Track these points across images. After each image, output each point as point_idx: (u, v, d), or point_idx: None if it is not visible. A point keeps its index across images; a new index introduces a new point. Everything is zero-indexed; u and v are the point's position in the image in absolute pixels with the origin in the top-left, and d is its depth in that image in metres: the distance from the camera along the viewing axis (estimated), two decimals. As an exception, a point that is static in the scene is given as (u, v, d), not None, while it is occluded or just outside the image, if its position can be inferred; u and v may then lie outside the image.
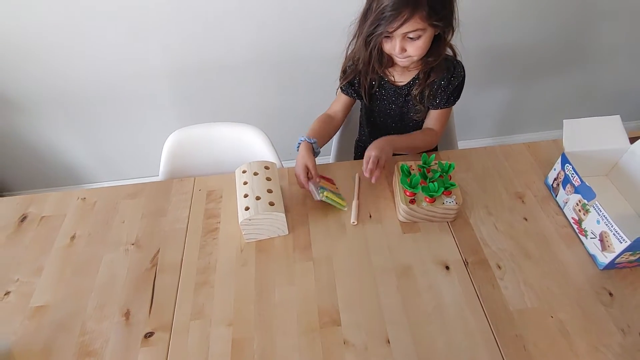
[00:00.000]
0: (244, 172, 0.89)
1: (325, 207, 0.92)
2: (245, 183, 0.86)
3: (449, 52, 0.96)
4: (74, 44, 1.38)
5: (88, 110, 1.60)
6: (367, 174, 0.87)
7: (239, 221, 0.81)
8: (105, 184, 1.93)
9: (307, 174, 0.89)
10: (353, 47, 0.97)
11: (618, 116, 0.89)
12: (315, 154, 0.94)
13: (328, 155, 1.45)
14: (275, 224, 0.84)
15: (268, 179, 0.87)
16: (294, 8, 1.34)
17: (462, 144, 1.32)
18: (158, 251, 0.86)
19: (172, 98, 1.58)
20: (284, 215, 0.82)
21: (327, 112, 1.12)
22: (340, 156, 1.32)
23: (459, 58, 0.97)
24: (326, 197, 0.87)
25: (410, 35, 0.83)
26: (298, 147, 0.94)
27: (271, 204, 0.82)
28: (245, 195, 0.84)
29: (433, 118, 1.03)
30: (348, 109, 1.14)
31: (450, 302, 0.75)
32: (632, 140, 0.89)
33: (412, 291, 0.77)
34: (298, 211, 0.92)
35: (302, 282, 0.79)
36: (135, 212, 0.94)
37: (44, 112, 1.58)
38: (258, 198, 0.83)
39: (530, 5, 1.46)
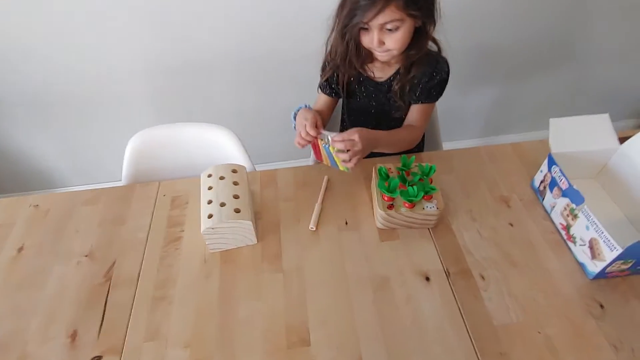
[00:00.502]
0: (209, 176, 0.82)
1: (298, 214, 0.86)
2: (210, 188, 0.79)
3: (433, 47, 0.91)
4: (40, 45, 1.30)
5: (53, 111, 1.51)
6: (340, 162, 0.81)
7: (201, 230, 0.74)
8: (65, 190, 1.84)
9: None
10: (332, 41, 0.91)
11: (607, 115, 0.84)
12: None
13: (308, 157, 1.39)
14: (242, 232, 0.77)
15: (235, 183, 0.80)
16: (269, 4, 1.28)
17: (447, 145, 1.26)
18: (113, 263, 0.78)
19: (144, 99, 1.50)
20: (250, 223, 0.75)
21: (315, 108, 1.07)
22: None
23: (444, 54, 0.92)
24: (330, 149, 0.81)
25: (388, 26, 0.78)
26: (295, 117, 0.89)
27: (237, 211, 0.75)
28: (209, 202, 0.77)
29: (414, 113, 0.98)
30: (331, 108, 1.08)
31: (430, 316, 0.69)
32: (622, 140, 0.84)
33: (389, 304, 0.71)
34: (269, 218, 0.86)
35: (270, 296, 0.72)
36: (92, 220, 0.86)
37: (5, 112, 1.49)
38: (223, 204, 0.76)
39: (518, 2, 1.41)
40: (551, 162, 0.81)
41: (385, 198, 0.80)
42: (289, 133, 0.91)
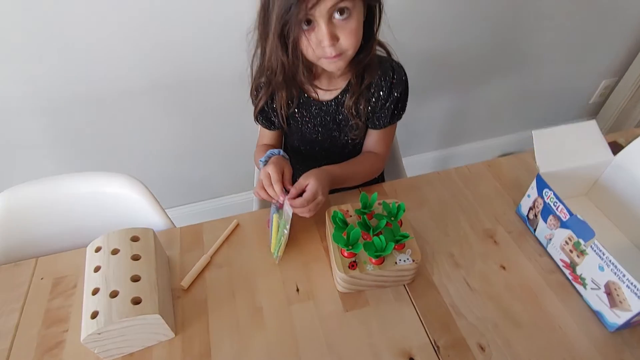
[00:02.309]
0: (97, 250, 0.58)
1: (232, 284, 0.64)
2: (97, 269, 0.56)
3: (382, 52, 0.74)
4: None
5: None
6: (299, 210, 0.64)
7: (81, 338, 0.50)
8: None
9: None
10: (259, 60, 0.71)
11: (594, 122, 0.71)
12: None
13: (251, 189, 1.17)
14: (149, 329, 0.54)
15: (135, 257, 0.57)
16: (189, 15, 1.05)
17: (406, 161, 1.10)
18: (-49, 402, 0.52)
19: (33, 144, 1.20)
20: (159, 316, 0.52)
21: (263, 143, 0.88)
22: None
23: (394, 58, 0.75)
24: (275, 226, 0.66)
25: (337, 15, 0.59)
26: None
27: (136, 301, 0.52)
28: (95, 291, 0.53)
29: (375, 139, 0.80)
30: (280, 139, 0.90)
31: (423, 420, 0.49)
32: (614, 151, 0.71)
33: (365, 411, 0.50)
34: (193, 295, 0.63)
35: (193, 423, 0.50)
36: None
37: None
38: (114, 294, 0.52)
39: (461, 9, 1.31)
40: (542, 185, 0.66)
41: (345, 254, 0.60)
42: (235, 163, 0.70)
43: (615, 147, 0.72)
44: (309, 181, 0.65)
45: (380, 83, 0.74)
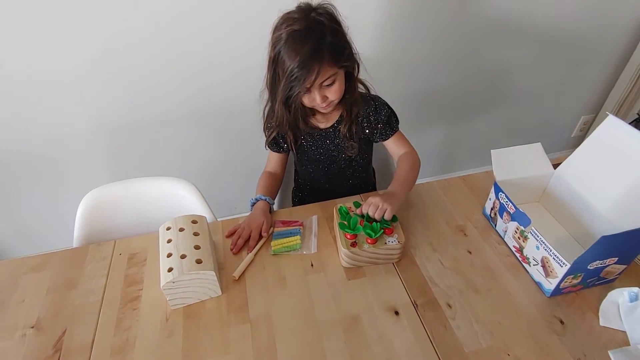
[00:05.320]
0: (168, 229, 0.80)
1: (262, 260, 0.85)
2: (169, 241, 0.77)
3: (361, 89, 0.97)
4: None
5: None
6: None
7: (161, 285, 0.71)
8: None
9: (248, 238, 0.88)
10: (269, 110, 0.96)
11: (539, 144, 0.92)
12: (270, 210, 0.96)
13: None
14: (205, 284, 0.75)
15: (195, 234, 0.79)
16: (219, 55, 1.33)
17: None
18: (64, 332, 0.72)
19: (97, 158, 1.47)
20: (214, 273, 0.73)
21: (267, 170, 1.09)
22: (277, 205, 1.27)
23: (372, 92, 0.99)
24: (290, 240, 0.87)
25: (326, 82, 0.83)
26: (252, 206, 0.95)
27: (198, 261, 0.73)
28: (169, 255, 0.74)
29: (395, 144, 1.02)
30: (284, 163, 1.12)
31: (403, 352, 0.68)
32: (556, 166, 0.92)
33: (361, 344, 0.69)
34: (233, 267, 0.83)
35: (237, 349, 0.69)
36: (39, 287, 0.80)
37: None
38: (183, 256, 0.74)
39: (448, 51, 1.56)
40: (497, 190, 0.87)
41: (348, 236, 0.81)
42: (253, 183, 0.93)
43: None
44: (376, 198, 0.82)
45: (367, 111, 0.97)
